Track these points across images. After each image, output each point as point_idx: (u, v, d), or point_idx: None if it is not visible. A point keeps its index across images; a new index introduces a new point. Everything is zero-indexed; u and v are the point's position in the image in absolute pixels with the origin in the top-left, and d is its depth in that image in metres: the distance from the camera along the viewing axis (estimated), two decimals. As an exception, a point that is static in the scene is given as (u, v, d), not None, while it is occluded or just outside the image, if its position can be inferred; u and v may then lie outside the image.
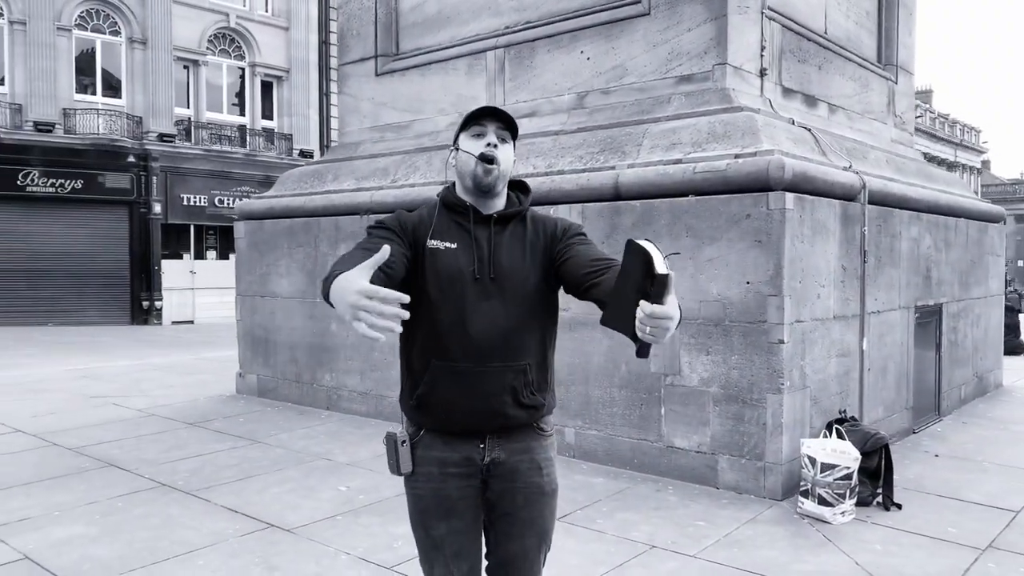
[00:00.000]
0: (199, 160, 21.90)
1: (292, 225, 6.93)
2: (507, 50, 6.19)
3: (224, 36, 23.44)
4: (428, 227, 1.96)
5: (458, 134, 2.00)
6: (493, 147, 1.93)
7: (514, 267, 1.95)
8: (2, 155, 19.08)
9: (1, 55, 19.68)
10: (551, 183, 5.19)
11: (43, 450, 5.52)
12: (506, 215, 1.99)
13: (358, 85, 7.33)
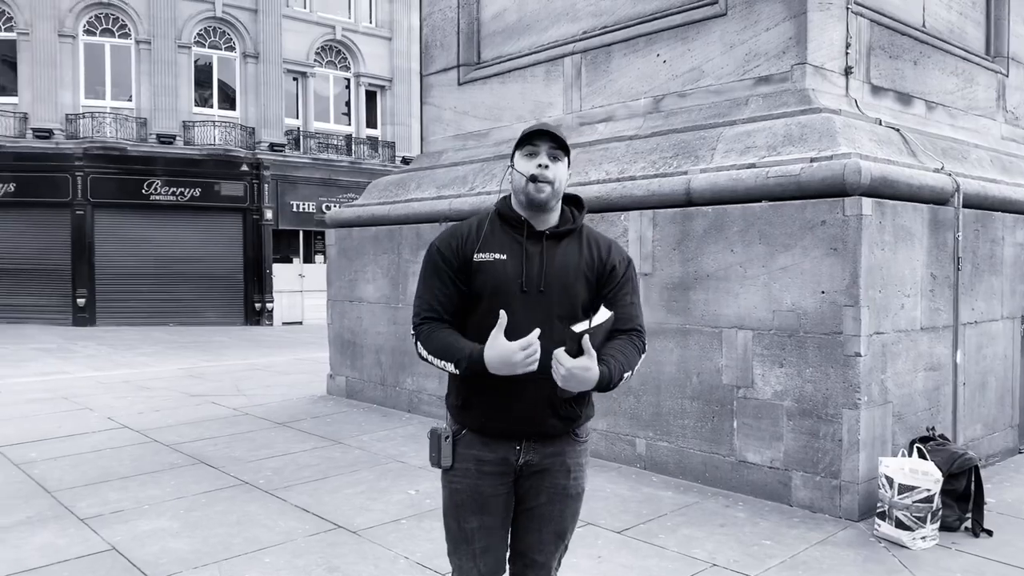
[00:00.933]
0: (307, 168, 22.83)
1: (377, 233, 7.13)
2: (584, 55, 6.16)
3: (331, 48, 24.36)
4: (476, 240, 2.09)
5: (514, 152, 2.12)
6: (544, 168, 2.03)
7: (565, 282, 2.06)
8: (130, 166, 20.49)
9: (129, 73, 21.14)
10: (622, 189, 5.13)
11: (143, 446, 5.90)
12: (559, 232, 2.10)
13: (441, 95, 7.47)
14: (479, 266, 2.06)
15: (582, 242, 2.13)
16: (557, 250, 2.09)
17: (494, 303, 2.00)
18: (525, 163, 2.06)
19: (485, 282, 2.05)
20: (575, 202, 2.20)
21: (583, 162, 5.66)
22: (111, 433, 6.33)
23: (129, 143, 20.38)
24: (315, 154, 23.29)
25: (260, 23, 22.44)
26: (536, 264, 2.05)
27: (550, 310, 2.04)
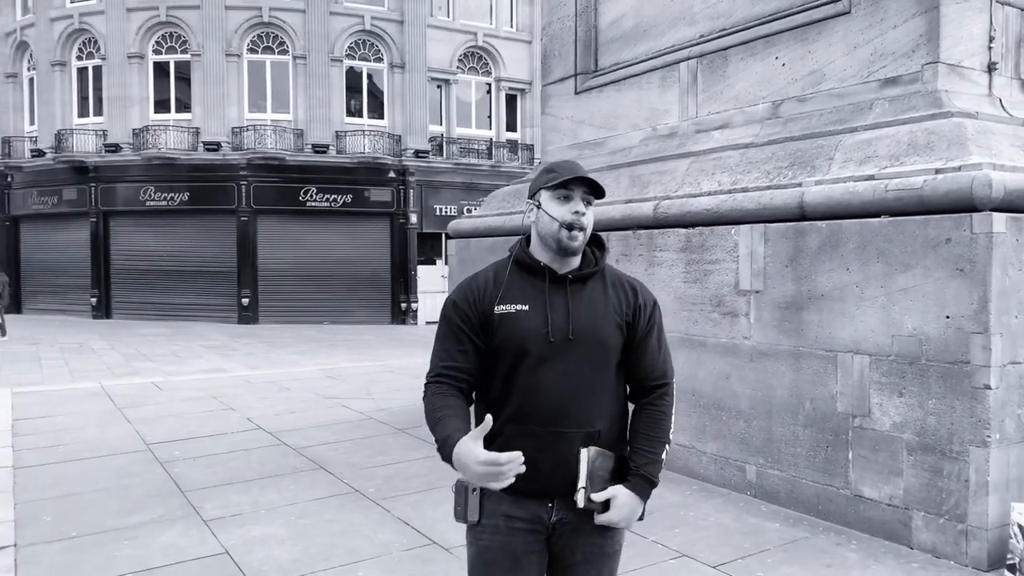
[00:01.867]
0: (449, 173, 23.49)
1: (493, 244, 7.20)
2: (700, 60, 5.93)
3: (472, 54, 24.90)
4: (496, 293, 1.97)
5: (539, 188, 2.00)
6: (581, 215, 1.93)
7: (596, 326, 1.97)
8: (288, 175, 21.89)
9: (287, 87, 22.56)
10: (732, 202, 4.90)
11: (272, 448, 6.27)
12: (583, 275, 2.00)
13: (558, 104, 7.44)
14: (500, 319, 1.95)
15: (607, 284, 2.03)
16: (583, 294, 1.99)
17: (520, 356, 1.93)
18: (558, 207, 1.95)
19: (509, 336, 1.94)
20: (595, 242, 2.08)
21: (695, 172, 5.46)
22: (247, 435, 6.78)
23: (287, 153, 21.75)
24: (457, 159, 23.91)
25: (406, 33, 23.29)
26: (561, 311, 1.96)
27: (581, 359, 1.95)
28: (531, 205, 2.02)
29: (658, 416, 2.02)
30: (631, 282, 2.09)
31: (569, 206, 1.94)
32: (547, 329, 1.93)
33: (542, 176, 2.01)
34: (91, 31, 23.03)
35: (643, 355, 2.03)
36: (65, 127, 23.20)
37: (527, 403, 1.94)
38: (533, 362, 1.92)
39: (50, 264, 24.64)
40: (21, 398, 8.66)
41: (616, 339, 1.99)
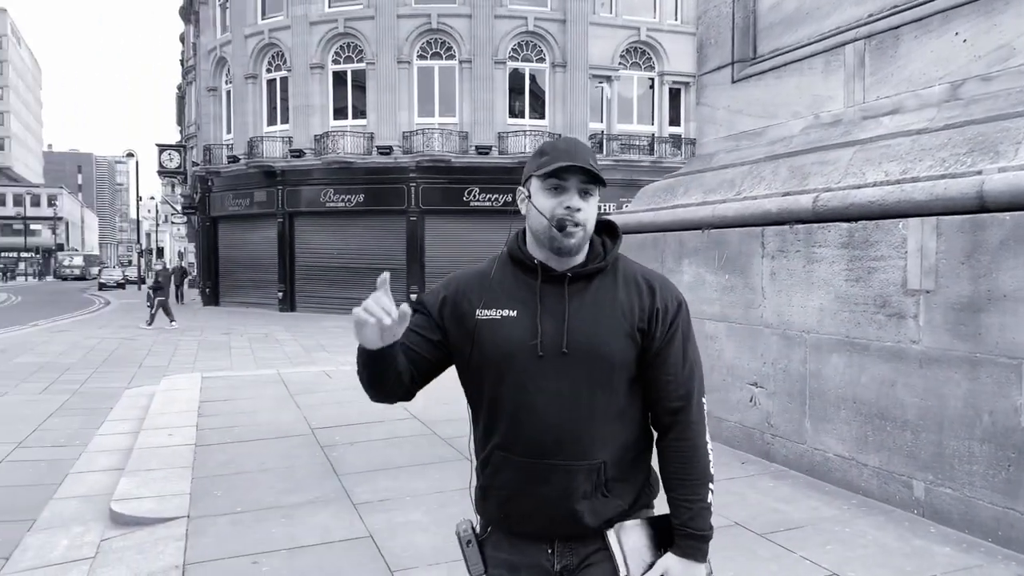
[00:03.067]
0: (609, 170, 23.30)
1: (644, 240, 7.05)
2: (867, 41, 5.49)
3: (635, 50, 24.60)
4: (481, 294, 1.67)
5: (529, 175, 1.66)
6: (575, 211, 1.59)
7: (598, 336, 1.61)
8: (453, 176, 22.64)
9: (453, 91, 23.32)
10: (900, 192, 4.48)
11: (423, 438, 6.48)
12: (586, 272, 1.65)
13: (715, 94, 7.16)
14: (482, 327, 1.64)
15: (618, 282, 1.67)
16: (585, 296, 1.63)
17: (504, 373, 1.62)
18: (547, 199, 1.60)
19: (490, 348, 1.63)
20: (607, 229, 1.73)
21: (860, 161, 5.06)
22: (402, 423, 7.05)
23: (453, 155, 22.49)
24: (617, 156, 23.72)
25: (568, 32, 23.40)
26: (555, 318, 1.61)
27: (579, 378, 1.60)
28: (522, 194, 1.69)
29: (688, 452, 1.68)
30: (649, 278, 1.71)
31: (561, 199, 1.60)
32: (536, 340, 1.60)
33: (532, 160, 1.66)
34: (279, 45, 24.92)
35: (661, 370, 1.66)
36: (256, 135, 25.25)
37: (515, 429, 1.63)
38: (519, 380, 1.61)
39: (243, 261, 26.93)
40: (209, 382, 9.49)
41: (625, 352, 1.63)
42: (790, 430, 5.27)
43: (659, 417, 1.71)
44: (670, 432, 1.70)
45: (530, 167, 1.65)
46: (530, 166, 1.66)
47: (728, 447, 5.78)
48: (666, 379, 1.67)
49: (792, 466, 5.23)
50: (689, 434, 1.68)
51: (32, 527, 4.89)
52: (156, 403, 8.16)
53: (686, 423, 1.68)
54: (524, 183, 1.69)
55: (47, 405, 9.14)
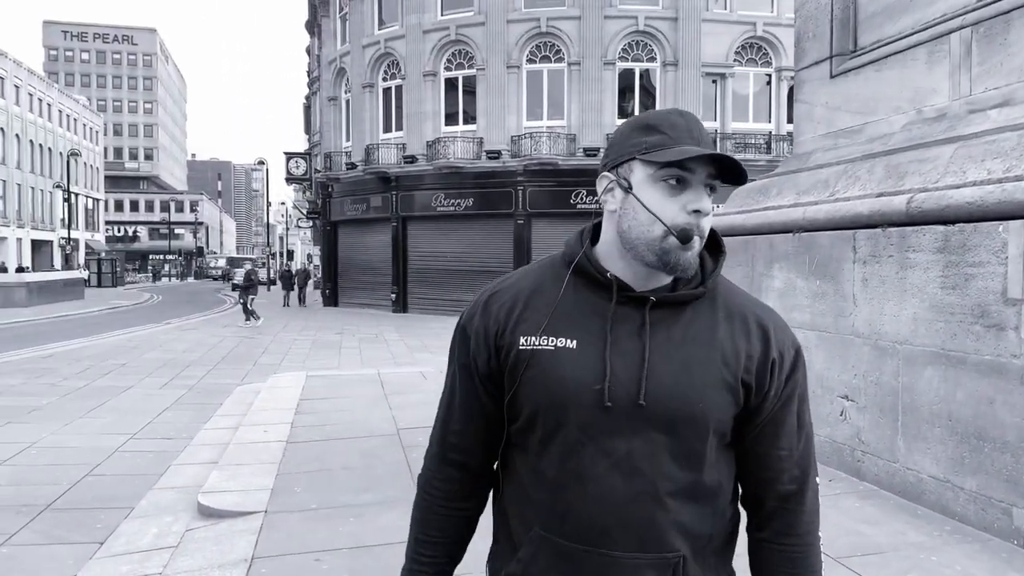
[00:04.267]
0: (723, 170, 22.63)
1: (733, 243, 6.78)
2: (974, 29, 5.06)
3: (751, 46, 23.79)
4: (528, 312, 1.27)
5: (630, 156, 1.22)
6: (702, 215, 1.20)
7: (689, 389, 1.20)
8: (561, 179, 22.62)
9: (562, 94, 23.31)
10: (1002, 192, 4.10)
11: (502, 443, 6.48)
12: (675, 298, 1.24)
13: (812, 90, 6.79)
14: (526, 359, 1.23)
15: (718, 315, 1.26)
16: (673, 330, 1.23)
17: (555, 427, 1.22)
18: (663, 197, 1.19)
19: (538, 389, 1.23)
20: (707, 240, 1.28)
21: (961, 159, 4.66)
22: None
23: (560, 158, 22.48)
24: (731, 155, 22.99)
25: (680, 30, 22.92)
26: (630, 356, 1.20)
27: (657, 440, 1.20)
28: (611, 181, 1.26)
29: (800, 553, 1.30)
30: (761, 315, 1.30)
31: (684, 198, 1.19)
32: (602, 384, 1.19)
33: (632, 135, 1.23)
34: (394, 54, 25.70)
35: (772, 442, 1.28)
36: (372, 142, 26.13)
37: (563, 506, 1.23)
38: (575, 437, 1.21)
39: (360, 263, 27.94)
40: (312, 381, 9.88)
41: (724, 411, 1.23)
42: (881, 447, 4.92)
43: (760, 501, 1.31)
44: (773, 522, 1.30)
45: (627, 144, 1.23)
46: (627, 143, 1.23)
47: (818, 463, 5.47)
48: (778, 453, 1.28)
49: (883, 486, 4.89)
50: (801, 529, 1.30)
51: (129, 515, 5.22)
52: (259, 400, 8.56)
53: (798, 512, 1.30)
54: (613, 166, 1.25)
55: (164, 399, 9.77)
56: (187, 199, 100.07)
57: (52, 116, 59.16)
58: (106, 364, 13.15)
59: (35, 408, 9.08)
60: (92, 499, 5.66)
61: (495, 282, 1.37)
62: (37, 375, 11.76)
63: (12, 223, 51.75)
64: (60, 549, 4.68)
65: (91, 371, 12.28)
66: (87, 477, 6.22)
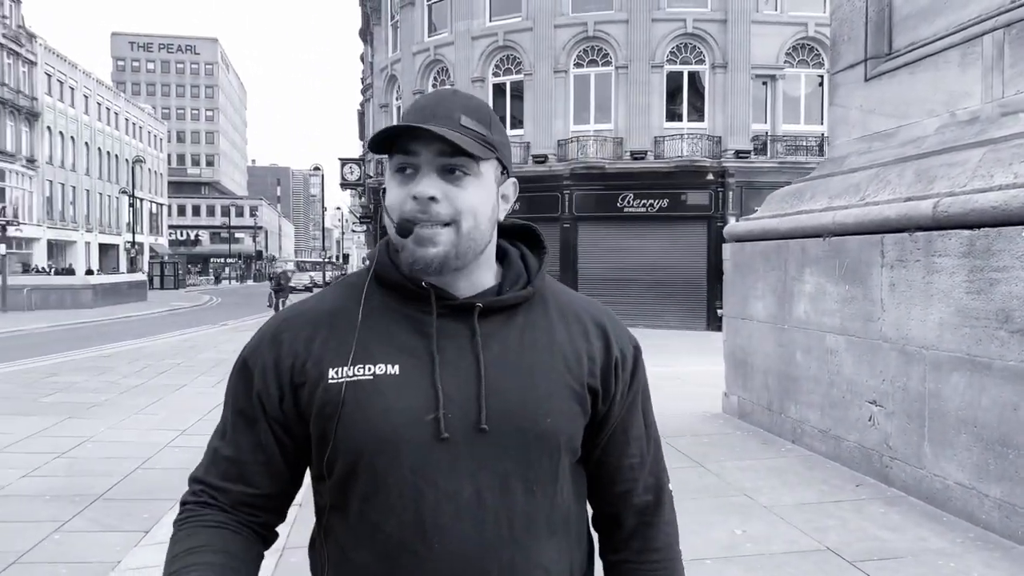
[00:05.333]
0: (772, 173, 22.33)
1: (766, 247, 6.78)
2: (1007, 31, 4.99)
3: (802, 46, 23.44)
4: (334, 338, 1.06)
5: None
6: (430, 199, 1.01)
7: (535, 404, 1.04)
8: (607, 182, 22.62)
9: (609, 97, 23.31)
10: (1026, 198, 4.06)
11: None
12: (503, 303, 1.09)
13: (847, 93, 6.75)
14: (337, 393, 1.02)
15: (550, 315, 1.12)
16: (508, 339, 1.07)
17: (383, 468, 1.00)
18: (394, 188, 1.05)
19: (360, 428, 1.01)
20: (525, 236, 1.20)
21: (989, 162, 4.62)
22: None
23: (607, 161, 22.49)
24: (782, 158, 22.71)
25: (729, 32, 22.71)
26: (463, 375, 1.03)
27: (507, 469, 1.02)
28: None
29: (667, 572, 1.18)
30: (595, 312, 1.16)
31: (410, 186, 1.03)
32: (435, 413, 1.00)
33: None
34: (443, 61, 26.04)
35: (623, 450, 1.15)
36: (421, 147, 26.49)
37: (404, 561, 1.01)
38: (409, 482, 1.00)
39: (408, 267, 28.27)
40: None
41: (575, 421, 1.08)
42: (909, 453, 4.89)
43: (617, 519, 1.18)
44: (632, 540, 1.17)
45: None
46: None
47: (846, 468, 5.45)
48: (630, 462, 1.15)
49: (911, 492, 4.85)
50: (661, 542, 1.18)
51: (173, 507, 5.48)
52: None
53: (657, 525, 1.18)
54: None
55: (215, 398, 10.13)
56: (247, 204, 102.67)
57: (119, 124, 61.39)
58: (163, 363, 13.67)
59: (94, 404, 9.53)
60: (140, 491, 5.95)
61: (284, 308, 1.16)
62: (98, 373, 12.30)
63: (81, 227, 53.86)
64: (108, 536, 4.95)
65: (148, 370, 12.79)
66: (137, 470, 6.54)
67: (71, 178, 52.18)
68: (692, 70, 23.22)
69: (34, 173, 46.26)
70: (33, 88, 46.74)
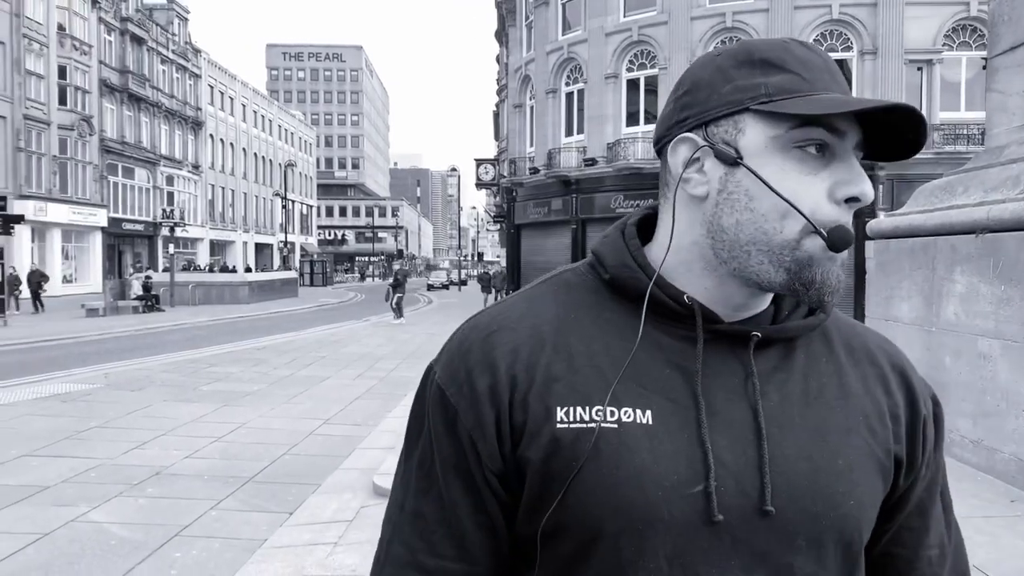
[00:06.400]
0: (928, 164, 20.87)
1: (913, 245, 6.38)
2: None
3: (963, 28, 21.81)
4: (559, 364, 0.77)
5: (734, 108, 0.76)
6: (861, 204, 0.75)
7: (832, 477, 0.77)
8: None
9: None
10: None
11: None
12: (787, 332, 0.81)
13: (1007, 78, 6.23)
14: (572, 444, 0.74)
15: (838, 355, 0.84)
16: (790, 383, 0.80)
17: (626, 560, 0.73)
18: (803, 179, 0.74)
19: (598, 496, 0.73)
20: None
21: None
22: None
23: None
24: (939, 148, 21.19)
25: (880, 16, 21.47)
26: (742, 431, 0.76)
27: (787, 564, 0.75)
28: (698, 148, 0.78)
29: None
30: (889, 349, 0.89)
31: (831, 176, 0.75)
32: (707, 484, 0.73)
33: (743, 73, 0.76)
34: (577, 59, 26.10)
35: (920, 538, 0.87)
36: (554, 146, 26.68)
37: None
38: (663, 571, 0.73)
39: (540, 265, 28.56)
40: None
41: (876, 503, 0.81)
42: (1073, 469, 4.48)
43: None
44: None
45: (728, 87, 0.77)
46: (726, 85, 0.77)
47: (1000, 481, 5.05)
48: (927, 554, 0.87)
49: (1075, 512, 4.45)
50: None
51: (316, 491, 5.84)
52: (436, 393, 9.14)
53: None
54: (700, 124, 0.78)
55: (357, 389, 10.67)
56: (389, 205, 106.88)
57: (272, 131, 65.52)
58: (309, 356, 14.52)
59: (248, 393, 10.26)
60: (286, 475, 6.37)
61: (481, 314, 0.85)
62: (252, 364, 13.23)
63: (239, 228, 57.91)
64: (257, 516, 5.35)
65: (296, 362, 13.62)
66: (284, 456, 7.00)
67: (230, 182, 56.18)
68: (839, 57, 22.06)
69: (198, 178, 50.17)
70: (198, 99, 50.69)
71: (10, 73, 31.93)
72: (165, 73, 46.13)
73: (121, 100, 40.74)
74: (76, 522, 5.11)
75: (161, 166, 44.98)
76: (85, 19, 37.16)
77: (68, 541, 4.78)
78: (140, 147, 42.65)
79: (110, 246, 40.87)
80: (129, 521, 5.15)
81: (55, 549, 4.65)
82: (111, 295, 27.34)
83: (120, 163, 40.94)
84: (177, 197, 46.66)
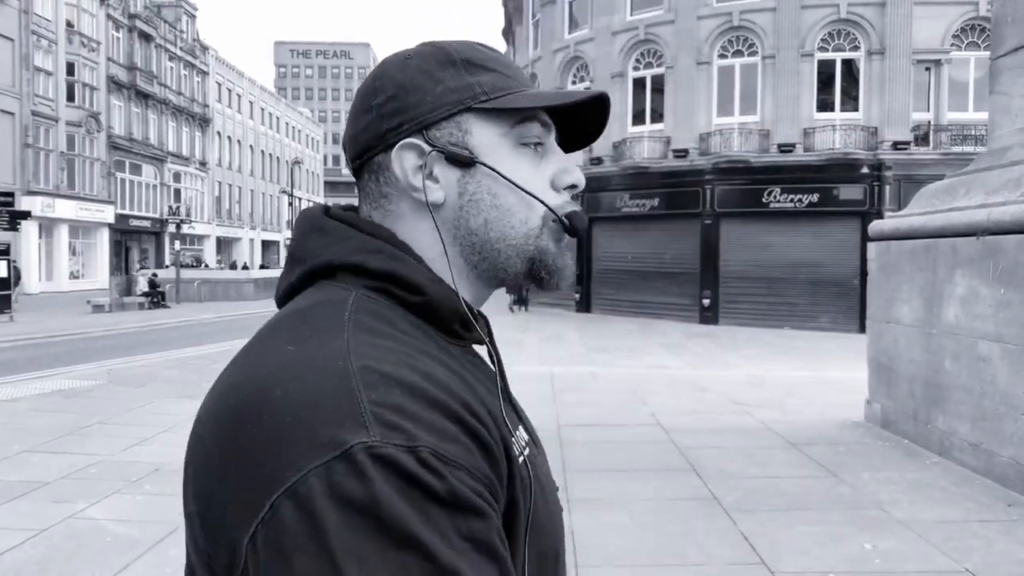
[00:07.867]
0: (935, 165, 20.78)
1: (914, 247, 6.35)
2: None
3: (972, 28, 21.65)
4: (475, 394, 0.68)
5: (454, 108, 0.74)
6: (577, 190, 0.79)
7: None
8: (752, 176, 21.84)
9: (755, 89, 22.49)
10: None
11: (658, 444, 6.51)
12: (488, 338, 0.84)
13: (1010, 80, 6.20)
14: (524, 477, 0.69)
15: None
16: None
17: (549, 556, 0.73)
18: (533, 171, 0.77)
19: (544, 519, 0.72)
20: None
21: None
22: (643, 428, 7.14)
23: (752, 155, 21.72)
24: (946, 148, 21.08)
25: (888, 16, 21.34)
26: (524, 421, 0.82)
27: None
28: (425, 154, 0.75)
29: None
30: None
31: (551, 166, 0.78)
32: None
33: (451, 74, 0.75)
34: (583, 57, 26.07)
35: None
36: (560, 144, 26.62)
37: None
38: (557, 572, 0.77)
39: (546, 263, 28.52)
40: (488, 376, 10.37)
41: None
42: (1071, 474, 4.46)
43: None
44: None
45: (442, 88, 0.74)
46: (440, 86, 0.75)
47: (999, 485, 5.04)
48: None
49: (1073, 517, 4.42)
50: None
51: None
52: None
53: None
54: (419, 128, 0.75)
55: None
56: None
57: (280, 128, 65.60)
58: (313, 353, 14.52)
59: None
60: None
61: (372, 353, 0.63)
62: (255, 361, 13.26)
63: (246, 225, 58.02)
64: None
65: (299, 359, 13.62)
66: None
67: (237, 179, 56.29)
68: (846, 57, 21.98)
69: (205, 175, 50.29)
70: (205, 96, 50.79)
71: (19, 69, 32.08)
72: (173, 70, 46.24)
73: (129, 97, 40.88)
74: (73, 518, 5.13)
75: (168, 163, 45.12)
76: (93, 16, 37.29)
77: (65, 537, 4.80)
78: (147, 144, 42.78)
79: (117, 242, 41.02)
80: (126, 518, 5.17)
81: (52, 545, 4.67)
82: (117, 291, 27.44)
83: (127, 160, 41.08)
84: (184, 194, 46.78)
